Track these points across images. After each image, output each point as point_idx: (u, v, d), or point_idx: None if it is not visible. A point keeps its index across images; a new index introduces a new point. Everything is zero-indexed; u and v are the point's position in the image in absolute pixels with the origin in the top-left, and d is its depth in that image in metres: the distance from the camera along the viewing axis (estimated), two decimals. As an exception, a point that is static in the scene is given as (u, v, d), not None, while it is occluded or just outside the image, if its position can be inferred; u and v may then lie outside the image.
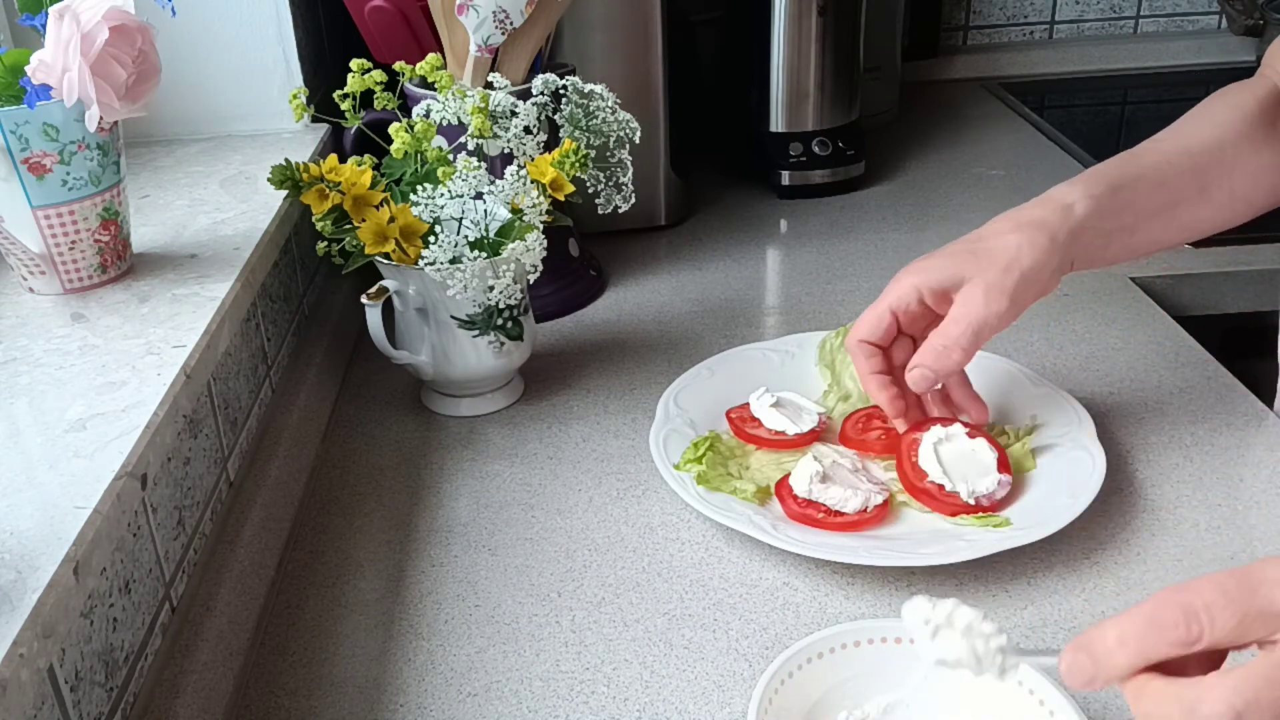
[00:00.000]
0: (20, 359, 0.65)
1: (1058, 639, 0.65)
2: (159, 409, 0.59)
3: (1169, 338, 0.96)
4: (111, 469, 0.53)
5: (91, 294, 0.73)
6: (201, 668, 0.62)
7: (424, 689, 0.63)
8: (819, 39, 1.23)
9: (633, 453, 0.84)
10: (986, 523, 0.71)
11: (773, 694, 0.55)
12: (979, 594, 0.68)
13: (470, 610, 0.69)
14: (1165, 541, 0.72)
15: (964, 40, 1.73)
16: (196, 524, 0.69)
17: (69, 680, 0.50)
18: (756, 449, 0.81)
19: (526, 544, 0.75)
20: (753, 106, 1.29)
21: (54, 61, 0.64)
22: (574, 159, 0.83)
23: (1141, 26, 1.75)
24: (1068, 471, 0.74)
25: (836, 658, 0.58)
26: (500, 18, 0.90)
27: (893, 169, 1.36)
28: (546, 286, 1.02)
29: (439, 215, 0.81)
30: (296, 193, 0.82)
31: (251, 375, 0.83)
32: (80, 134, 0.69)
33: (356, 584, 0.72)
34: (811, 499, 0.73)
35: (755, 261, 1.15)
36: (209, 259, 0.77)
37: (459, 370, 0.87)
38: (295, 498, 0.80)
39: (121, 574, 0.57)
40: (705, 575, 0.71)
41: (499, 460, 0.84)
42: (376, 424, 0.90)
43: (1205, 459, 0.80)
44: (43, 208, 0.69)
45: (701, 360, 0.90)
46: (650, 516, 0.77)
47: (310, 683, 0.65)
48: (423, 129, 0.82)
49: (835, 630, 0.58)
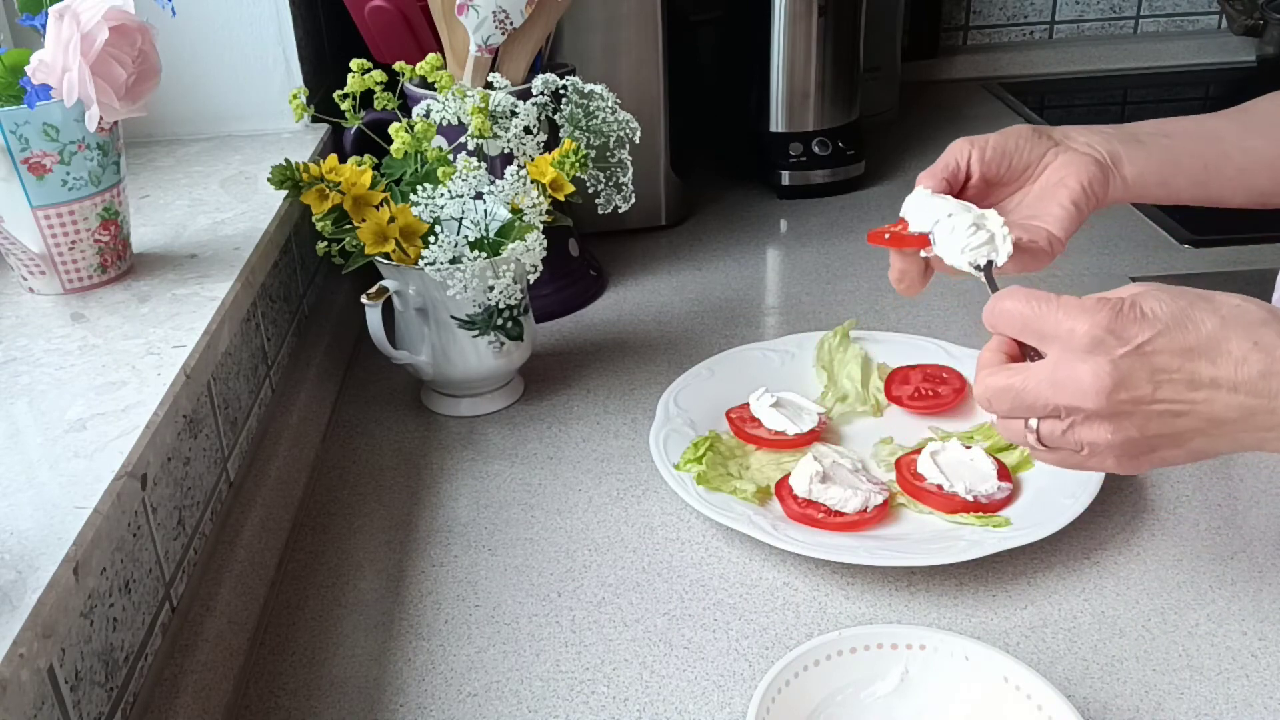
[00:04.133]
0: (20, 359, 0.65)
1: (1058, 639, 0.65)
2: (159, 409, 0.59)
3: (1169, 338, 0.96)
4: (111, 469, 0.53)
5: (91, 294, 0.73)
6: (201, 668, 0.62)
7: (424, 689, 0.63)
8: (819, 39, 1.23)
9: (633, 453, 0.84)
10: (986, 523, 0.71)
11: (770, 703, 0.55)
12: (979, 594, 0.68)
13: (470, 610, 0.69)
14: (1165, 541, 0.72)
15: (964, 40, 1.73)
16: (196, 524, 0.69)
17: (69, 680, 0.50)
18: (756, 449, 0.81)
19: (526, 544, 0.75)
20: (753, 106, 1.29)
21: (54, 61, 0.64)
22: (574, 159, 0.83)
23: (1141, 26, 1.75)
24: (1068, 472, 0.74)
25: (833, 664, 0.57)
26: (500, 18, 0.90)
27: (893, 169, 1.36)
28: (546, 286, 1.02)
29: (439, 215, 0.81)
30: (296, 193, 0.82)
31: (251, 375, 0.83)
32: (80, 134, 0.69)
33: (356, 584, 0.72)
34: (811, 499, 0.73)
35: (755, 261, 1.15)
36: (209, 259, 0.77)
37: (459, 370, 0.87)
38: (295, 498, 0.80)
39: (121, 574, 0.57)
40: (705, 575, 0.71)
41: (499, 460, 0.84)
42: (376, 424, 0.90)
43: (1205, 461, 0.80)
44: (43, 208, 0.69)
45: (701, 360, 0.90)
46: (650, 516, 0.77)
47: (310, 683, 0.65)
48: (423, 129, 0.82)
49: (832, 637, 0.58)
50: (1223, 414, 0.51)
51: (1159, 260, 1.10)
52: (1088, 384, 0.51)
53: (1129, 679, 0.62)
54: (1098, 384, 0.51)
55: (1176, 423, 0.52)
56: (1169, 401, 0.51)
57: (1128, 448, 0.53)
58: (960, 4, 1.70)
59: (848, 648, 0.58)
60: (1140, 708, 0.60)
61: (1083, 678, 0.62)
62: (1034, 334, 0.54)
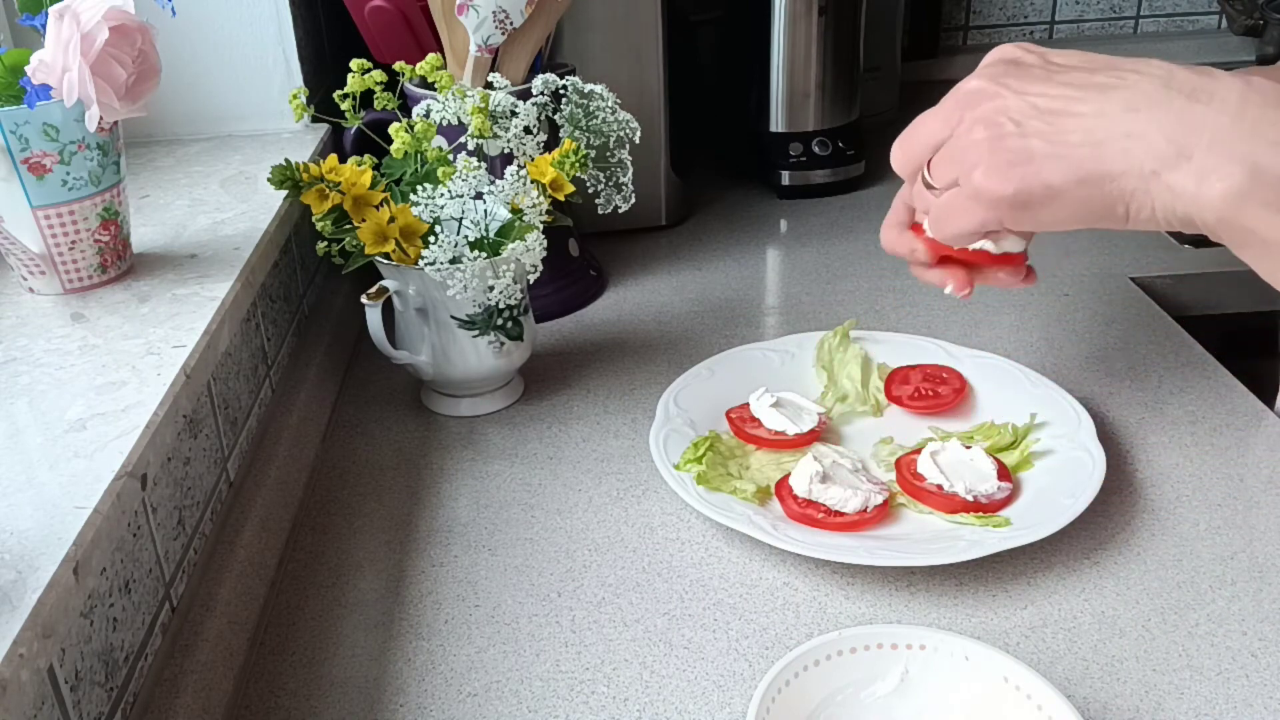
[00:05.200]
0: (20, 359, 0.65)
1: (1058, 639, 0.65)
2: (159, 409, 0.59)
3: (1169, 338, 0.96)
4: (111, 469, 0.53)
5: (91, 294, 0.73)
6: (201, 668, 0.62)
7: (424, 689, 0.63)
8: (819, 39, 1.23)
9: (633, 453, 0.84)
10: (986, 523, 0.71)
11: (770, 703, 0.55)
12: (979, 594, 0.68)
13: (470, 610, 0.69)
14: (1165, 541, 0.72)
15: (964, 40, 1.73)
16: (196, 524, 0.69)
17: (69, 680, 0.50)
18: (756, 449, 0.81)
19: (526, 544, 0.75)
20: (753, 106, 1.29)
21: (54, 61, 0.64)
22: (574, 159, 0.83)
23: (1141, 26, 1.75)
24: (1068, 471, 0.75)
25: (833, 664, 0.57)
26: (500, 18, 0.90)
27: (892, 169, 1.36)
28: (546, 286, 1.02)
29: (439, 215, 0.81)
30: (296, 193, 0.82)
31: (251, 375, 0.83)
32: (80, 134, 0.69)
33: (356, 584, 0.72)
34: (811, 499, 0.73)
35: (755, 261, 1.15)
36: (209, 259, 0.77)
37: (459, 370, 0.87)
38: (295, 498, 0.80)
39: (121, 574, 0.57)
40: (705, 575, 0.71)
41: (499, 460, 0.84)
42: (376, 424, 0.90)
43: (1205, 459, 0.80)
44: (43, 208, 0.69)
45: (701, 360, 0.90)
46: (650, 516, 0.77)
47: (310, 683, 0.65)
48: (423, 129, 0.82)
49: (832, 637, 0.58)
50: (1114, 110, 0.49)
51: (1159, 260, 1.10)
52: (973, 75, 0.53)
53: (1129, 679, 0.62)
54: (984, 63, 0.53)
55: (1059, 121, 0.50)
56: (1057, 94, 0.50)
57: (1002, 144, 0.51)
58: (960, 4, 1.70)
59: (848, 648, 0.58)
60: (1140, 708, 0.60)
61: (1083, 678, 0.62)
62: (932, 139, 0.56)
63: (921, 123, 0.57)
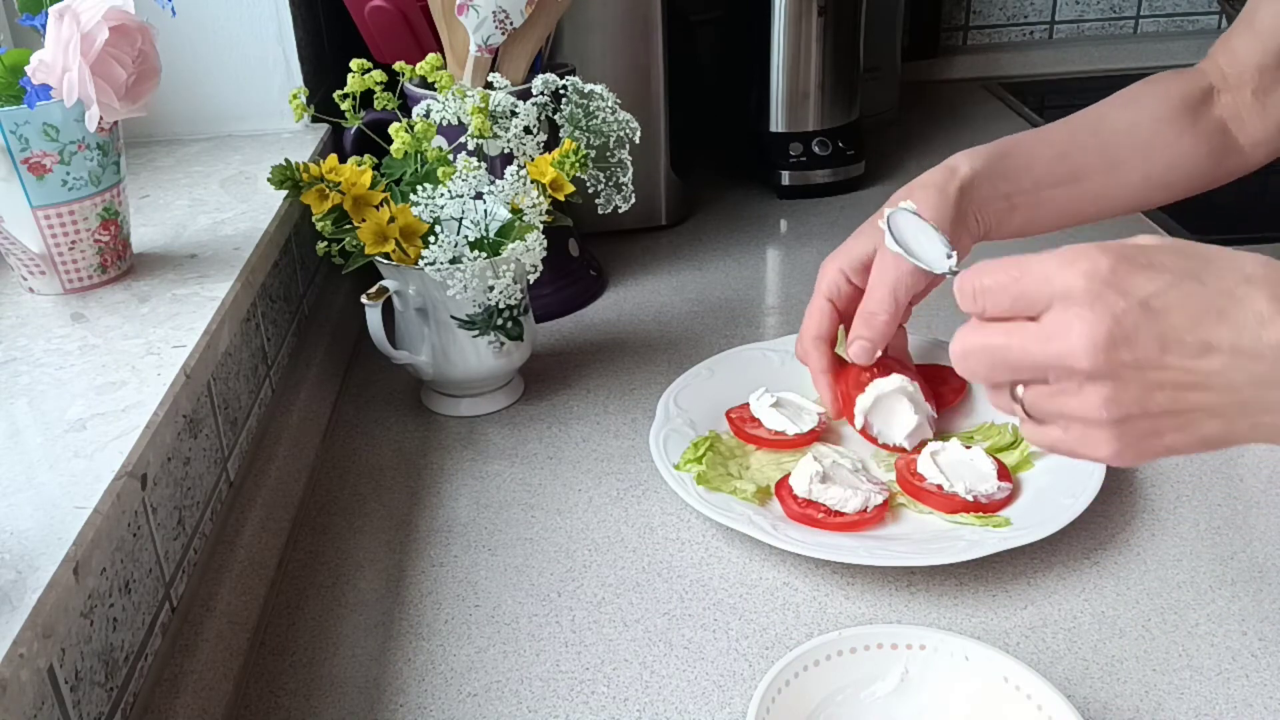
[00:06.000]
0: (20, 359, 0.65)
1: (1058, 639, 0.65)
2: (159, 409, 0.59)
3: (1169, 338, 0.96)
4: (111, 469, 0.53)
5: (91, 294, 0.73)
6: (201, 668, 0.62)
7: (424, 689, 0.63)
8: (819, 39, 1.23)
9: (633, 453, 0.84)
10: (986, 523, 0.71)
11: (769, 703, 0.55)
12: (979, 594, 0.68)
13: (470, 610, 0.69)
14: (1165, 541, 0.72)
15: (964, 40, 1.73)
16: (196, 524, 0.69)
17: (69, 680, 0.50)
18: (756, 449, 0.81)
19: (526, 544, 0.75)
20: (753, 106, 1.29)
21: (54, 61, 0.64)
22: (574, 159, 0.83)
23: (1141, 26, 1.75)
24: (1068, 471, 0.74)
25: (833, 664, 0.57)
26: (500, 18, 0.90)
27: (893, 169, 1.36)
28: (546, 286, 1.02)
29: (439, 215, 0.81)
30: (296, 193, 0.82)
31: (251, 375, 0.83)
32: (80, 134, 0.69)
33: (356, 584, 0.72)
34: (811, 499, 0.73)
35: (755, 261, 1.15)
36: (209, 259, 0.77)
37: (459, 370, 0.87)
38: (295, 498, 0.80)
39: (121, 574, 0.57)
40: (705, 575, 0.71)
41: (499, 460, 0.84)
42: (376, 424, 0.90)
43: (1205, 459, 0.80)
44: (43, 208, 0.69)
45: (701, 360, 0.90)
46: (650, 516, 0.77)
47: (310, 683, 0.65)
48: (423, 129, 0.82)
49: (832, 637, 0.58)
50: (1240, 388, 0.43)
51: (1159, 260, 1.10)
52: (1081, 335, 0.43)
53: (1129, 679, 0.62)
54: (1093, 336, 0.43)
55: (1185, 398, 0.44)
56: (1177, 369, 0.43)
57: (1127, 427, 0.45)
58: (960, 4, 1.70)
59: (848, 648, 0.58)
60: (1140, 708, 0.60)
61: (1083, 678, 0.62)
62: (1025, 302, 0.46)
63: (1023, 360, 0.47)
